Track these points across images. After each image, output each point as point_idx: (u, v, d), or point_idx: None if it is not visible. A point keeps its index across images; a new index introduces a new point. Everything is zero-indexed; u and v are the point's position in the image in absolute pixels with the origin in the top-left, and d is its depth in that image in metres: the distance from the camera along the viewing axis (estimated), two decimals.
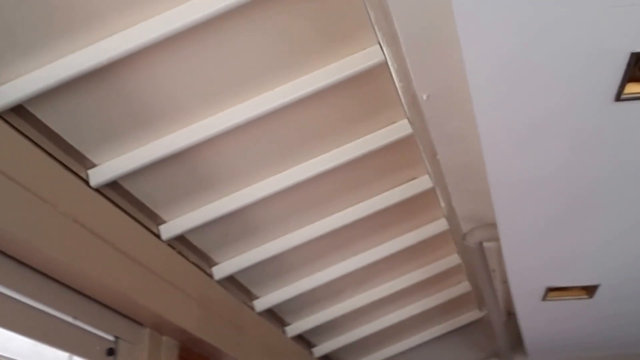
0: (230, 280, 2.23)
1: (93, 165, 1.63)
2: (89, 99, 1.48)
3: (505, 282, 2.69)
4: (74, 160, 1.57)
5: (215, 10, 1.40)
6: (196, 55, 1.52)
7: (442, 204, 2.28)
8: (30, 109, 1.43)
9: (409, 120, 1.87)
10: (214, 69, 1.57)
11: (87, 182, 1.62)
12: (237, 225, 2.07)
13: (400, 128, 1.90)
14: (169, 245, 1.91)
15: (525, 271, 2.34)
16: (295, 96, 1.66)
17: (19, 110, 1.41)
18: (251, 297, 2.42)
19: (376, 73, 1.69)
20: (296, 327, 2.71)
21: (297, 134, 1.85)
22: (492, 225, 2.07)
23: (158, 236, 1.87)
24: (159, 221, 1.90)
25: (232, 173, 1.89)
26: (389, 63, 1.64)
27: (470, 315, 3.31)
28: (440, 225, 2.44)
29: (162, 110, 1.60)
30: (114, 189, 1.70)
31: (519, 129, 1.54)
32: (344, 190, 2.12)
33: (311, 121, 1.81)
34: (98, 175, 1.63)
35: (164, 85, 1.56)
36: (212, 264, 2.14)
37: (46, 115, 1.46)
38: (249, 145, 1.82)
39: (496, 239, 2.14)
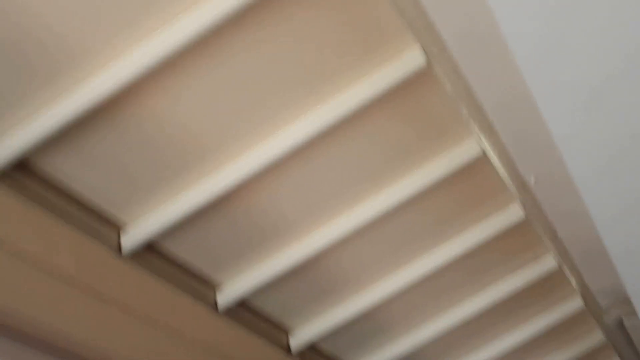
0: None
1: (220, 288, 1.72)
2: (209, 227, 1.59)
3: None
4: (202, 286, 1.67)
5: (311, 134, 1.49)
6: (304, 172, 1.60)
7: (573, 282, 2.20)
8: (158, 242, 1.55)
9: (520, 204, 1.86)
10: (319, 184, 1.64)
11: (215, 304, 1.71)
12: (365, 326, 2.09)
13: (513, 213, 1.89)
14: (300, 356, 1.95)
15: None
16: (401, 197, 1.70)
17: (148, 245, 1.53)
18: None
19: (478, 163, 1.70)
20: None
21: (410, 231, 1.87)
22: (628, 300, 1.98)
23: (288, 348, 1.93)
24: (289, 332, 1.96)
25: (353, 277, 1.93)
26: (490, 153, 1.65)
27: None
28: (575, 303, 2.35)
29: (276, 228, 1.68)
30: (241, 307, 1.79)
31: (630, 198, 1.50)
32: (466, 279, 2.11)
33: (419, 218, 1.83)
34: (225, 297, 1.72)
35: (276, 206, 1.64)
36: None
37: (173, 247, 1.58)
38: (364, 248, 1.86)
39: (635, 314, 2.04)
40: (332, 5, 1.32)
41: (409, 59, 1.41)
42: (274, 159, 1.50)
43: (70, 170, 1.33)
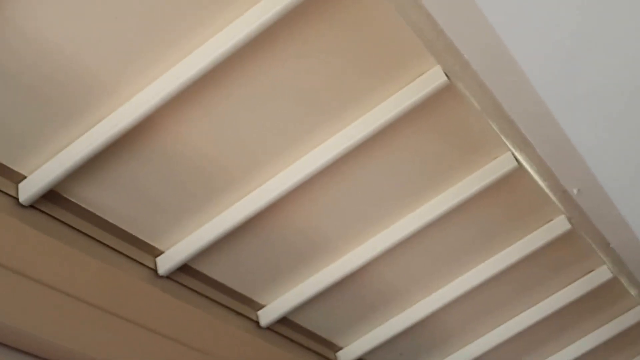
0: None
1: (261, 307, 1.76)
2: (246, 247, 1.62)
3: None
4: (243, 305, 1.71)
5: (344, 149, 1.49)
6: (338, 190, 1.61)
7: (633, 291, 2.13)
8: (194, 266, 1.59)
9: (566, 215, 1.82)
10: (356, 199, 1.65)
11: (257, 323, 1.75)
12: (414, 340, 2.08)
13: (559, 224, 1.85)
14: None
15: None
16: (440, 210, 1.69)
17: (185, 269, 1.58)
18: None
19: (516, 175, 1.67)
20: None
21: (454, 245, 1.86)
22: None
23: None
24: (335, 349, 1.97)
25: (400, 291, 1.93)
26: (527, 166, 1.62)
27: None
28: (636, 313, 2.27)
29: (315, 245, 1.71)
30: (284, 325, 1.82)
31: None
32: (518, 293, 2.07)
33: (462, 232, 1.82)
34: (267, 315, 1.76)
35: (313, 222, 1.67)
36: None
37: (210, 269, 1.62)
38: (408, 263, 1.86)
39: None
40: (353, 28, 1.33)
41: (431, 77, 1.40)
42: (306, 178, 1.52)
43: (102, 199, 1.39)
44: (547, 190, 1.69)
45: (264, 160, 1.49)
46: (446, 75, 1.39)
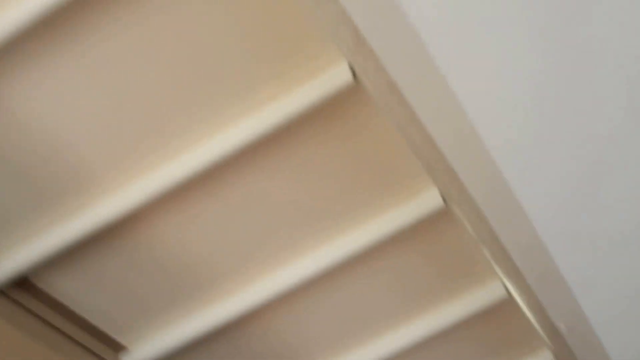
0: None
1: None
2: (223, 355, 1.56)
3: None
4: None
5: (324, 267, 1.45)
6: (316, 306, 1.56)
7: None
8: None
9: (552, 352, 1.75)
10: (335, 317, 1.59)
11: None
12: None
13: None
14: None
15: None
16: (421, 334, 1.63)
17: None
18: None
19: (504, 305, 1.62)
20: None
21: None
22: None
23: None
24: None
25: None
26: (516, 297, 1.58)
27: None
28: None
29: (296, 354, 1.63)
30: None
31: None
32: None
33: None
34: None
35: (293, 331, 1.60)
36: None
37: None
38: None
39: None
40: (349, 144, 1.32)
41: (427, 199, 1.38)
42: (289, 288, 1.47)
43: (73, 290, 1.34)
44: (535, 324, 1.64)
45: (247, 266, 1.44)
46: (442, 198, 1.36)
